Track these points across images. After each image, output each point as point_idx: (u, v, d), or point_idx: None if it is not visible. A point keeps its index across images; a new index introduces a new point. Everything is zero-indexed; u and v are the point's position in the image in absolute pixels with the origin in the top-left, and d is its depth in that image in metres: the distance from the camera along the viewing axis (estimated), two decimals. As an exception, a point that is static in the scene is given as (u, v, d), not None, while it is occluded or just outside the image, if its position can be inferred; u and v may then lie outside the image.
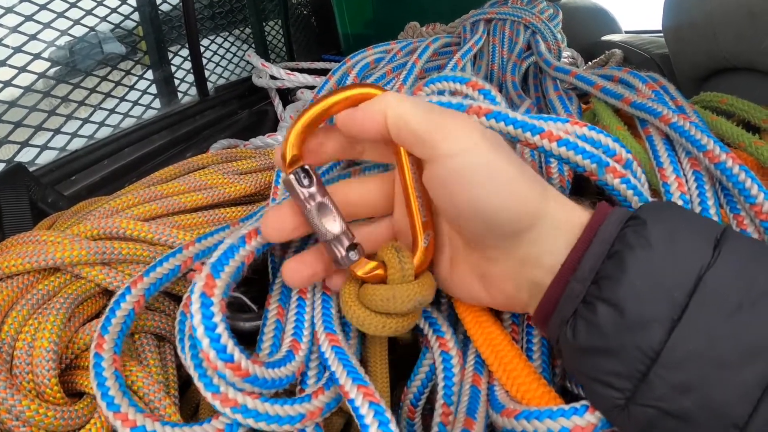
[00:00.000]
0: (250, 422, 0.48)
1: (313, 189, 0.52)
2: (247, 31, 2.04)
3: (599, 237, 0.46)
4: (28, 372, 0.58)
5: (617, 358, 0.42)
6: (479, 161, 0.46)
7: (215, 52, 1.83)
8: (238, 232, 0.55)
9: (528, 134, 0.56)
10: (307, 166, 0.52)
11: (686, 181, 0.66)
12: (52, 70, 1.20)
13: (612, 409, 0.43)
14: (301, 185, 0.51)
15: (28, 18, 1.11)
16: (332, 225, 0.51)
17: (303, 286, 0.56)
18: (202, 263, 0.54)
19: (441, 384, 0.57)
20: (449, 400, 0.55)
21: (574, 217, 0.49)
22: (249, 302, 0.70)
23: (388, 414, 0.47)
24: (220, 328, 0.46)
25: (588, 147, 0.56)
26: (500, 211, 0.46)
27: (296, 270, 0.54)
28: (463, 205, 0.47)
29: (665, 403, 0.40)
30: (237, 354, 0.46)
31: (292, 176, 0.52)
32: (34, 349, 0.59)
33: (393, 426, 0.46)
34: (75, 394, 0.62)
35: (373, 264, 0.53)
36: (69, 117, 1.20)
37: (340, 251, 0.52)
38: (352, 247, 0.52)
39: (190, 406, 0.69)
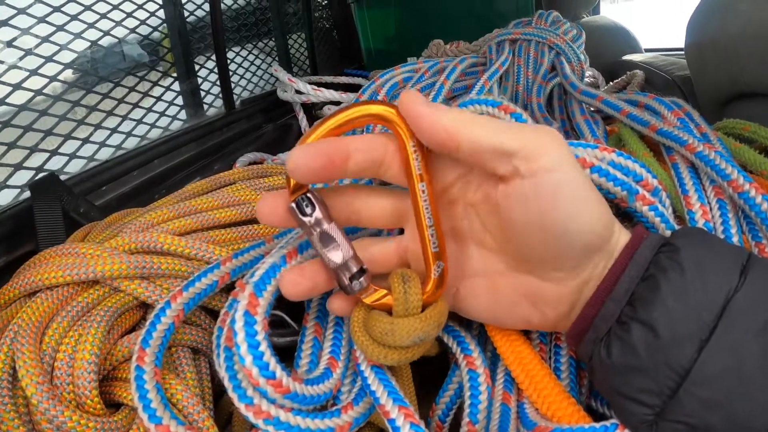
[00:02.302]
0: None
1: (318, 215, 0.50)
2: (271, 44, 2.04)
3: (635, 261, 0.47)
4: (69, 383, 0.60)
5: (648, 375, 0.43)
6: (576, 178, 0.46)
7: (240, 65, 1.84)
8: (279, 252, 0.55)
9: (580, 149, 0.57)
10: (309, 194, 0.50)
11: (710, 209, 0.67)
12: (81, 81, 1.21)
13: (641, 425, 0.45)
14: (304, 214, 0.50)
15: (60, 28, 1.13)
16: (336, 254, 0.50)
17: (303, 298, 0.54)
18: (245, 282, 0.54)
19: (467, 402, 0.57)
20: (475, 418, 0.56)
21: (622, 240, 0.50)
22: (290, 320, 0.71)
23: None
24: (263, 346, 0.47)
25: (619, 174, 0.57)
26: (591, 231, 0.47)
27: (295, 283, 0.52)
28: (552, 222, 0.46)
29: (693, 418, 0.42)
30: (279, 371, 0.47)
31: (293, 204, 0.50)
32: (75, 361, 0.60)
33: None
34: (112, 405, 0.63)
35: (380, 293, 0.52)
36: (97, 126, 1.22)
37: (346, 279, 0.51)
38: (360, 273, 0.51)
39: (222, 417, 0.70)
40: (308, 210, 0.50)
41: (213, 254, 0.77)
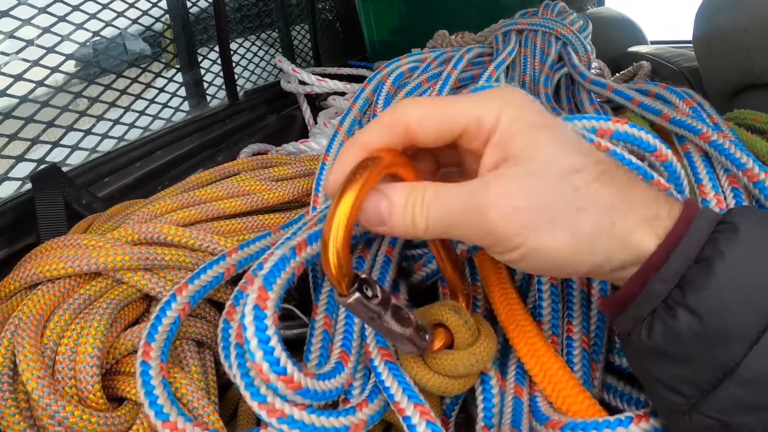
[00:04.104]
0: None
1: (379, 298, 0.45)
2: (274, 35, 2.04)
3: (688, 239, 0.43)
4: (70, 377, 0.59)
5: (690, 366, 0.41)
6: (536, 257, 0.43)
7: (243, 56, 1.83)
8: (288, 243, 0.54)
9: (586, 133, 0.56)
10: (363, 275, 0.46)
11: (725, 198, 0.66)
12: (83, 72, 1.20)
13: (673, 413, 0.43)
14: (369, 301, 0.45)
15: (61, 19, 1.12)
16: (404, 328, 0.48)
17: None
18: (254, 274, 0.53)
19: (480, 406, 0.56)
20: (489, 422, 0.54)
21: (658, 228, 0.44)
22: (300, 314, 0.70)
23: None
24: (274, 341, 0.46)
25: (643, 136, 0.57)
26: (568, 273, 0.46)
27: None
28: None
29: (729, 417, 0.40)
30: (290, 367, 0.46)
31: (355, 298, 0.44)
32: (78, 355, 0.59)
33: None
34: (115, 400, 0.62)
35: (441, 339, 0.52)
36: (99, 118, 1.21)
37: (417, 343, 0.49)
38: (423, 330, 0.50)
39: (227, 410, 0.69)
40: (369, 293, 0.45)
41: (218, 245, 0.76)
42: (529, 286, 0.67)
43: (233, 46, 1.75)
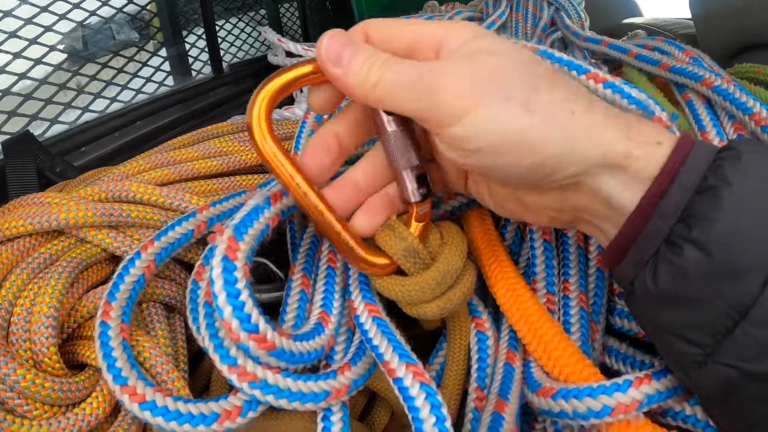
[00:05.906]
0: (270, 399, 0.44)
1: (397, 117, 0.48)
2: (262, 12, 2.02)
3: (688, 167, 0.40)
4: (25, 340, 0.55)
5: (701, 309, 0.37)
6: (488, 129, 0.41)
7: (230, 32, 1.80)
8: (262, 194, 0.51)
9: (574, 73, 0.54)
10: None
11: (731, 145, 0.64)
12: (62, 44, 1.17)
13: (688, 365, 0.39)
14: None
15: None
16: (411, 155, 0.49)
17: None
18: (224, 225, 0.49)
19: (474, 366, 0.54)
20: (482, 383, 0.53)
21: (643, 143, 0.41)
22: (275, 269, 0.67)
23: (440, 397, 0.43)
24: (244, 296, 0.42)
25: (634, 93, 0.53)
26: (516, 171, 0.42)
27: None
28: (475, 169, 0.44)
29: (749, 364, 0.36)
30: (262, 324, 0.43)
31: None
32: (33, 315, 0.56)
33: (445, 410, 0.42)
34: (77, 366, 0.59)
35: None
36: (80, 91, 1.17)
37: (412, 183, 0.49)
38: (422, 181, 0.50)
39: (201, 381, 0.66)
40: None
41: (190, 203, 0.72)
42: (521, 243, 0.64)
43: (220, 22, 1.73)
